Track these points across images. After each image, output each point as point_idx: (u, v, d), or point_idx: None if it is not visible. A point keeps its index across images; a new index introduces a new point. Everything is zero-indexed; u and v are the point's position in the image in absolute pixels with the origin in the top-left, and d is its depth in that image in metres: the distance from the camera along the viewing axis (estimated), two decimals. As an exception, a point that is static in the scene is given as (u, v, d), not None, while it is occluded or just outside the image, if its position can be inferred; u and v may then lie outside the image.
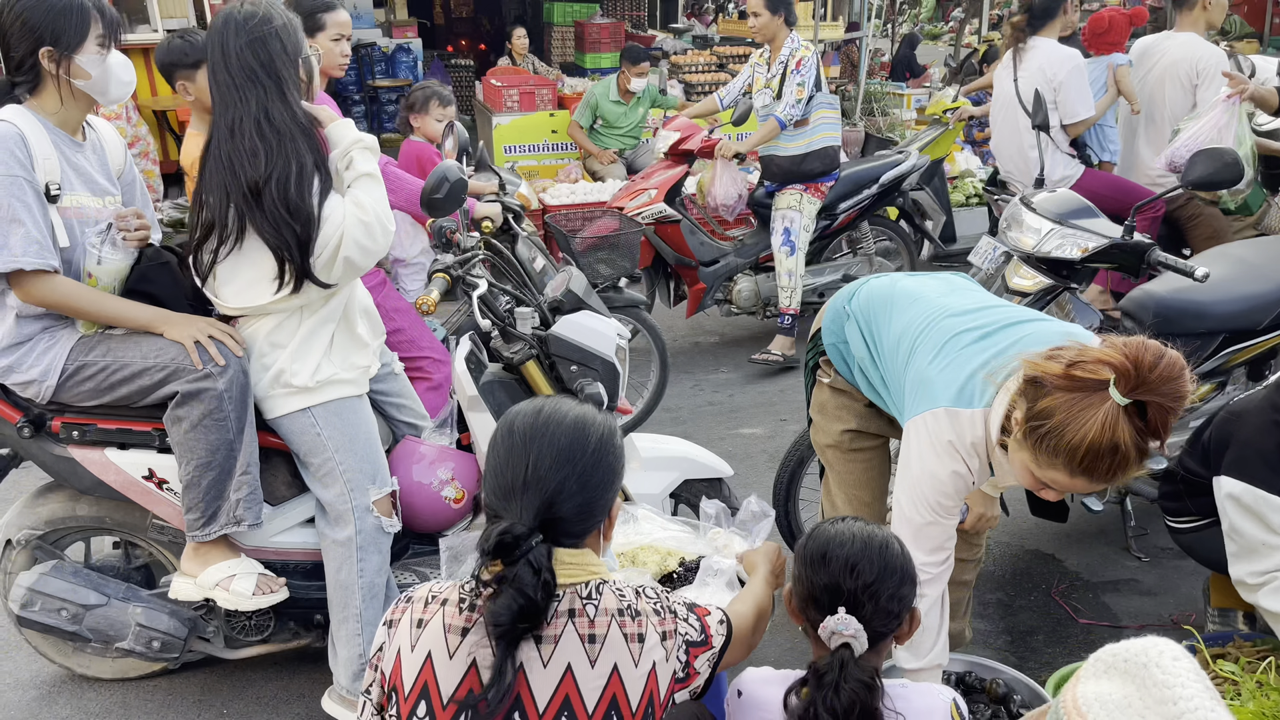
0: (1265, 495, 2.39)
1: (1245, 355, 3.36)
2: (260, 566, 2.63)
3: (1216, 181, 2.88)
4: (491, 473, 1.54)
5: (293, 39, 2.39)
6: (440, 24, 15.81)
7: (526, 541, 1.43)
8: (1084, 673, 1.16)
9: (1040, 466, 1.83)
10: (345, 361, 2.58)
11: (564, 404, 1.60)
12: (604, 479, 1.55)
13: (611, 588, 1.54)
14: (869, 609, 1.65)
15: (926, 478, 2.09)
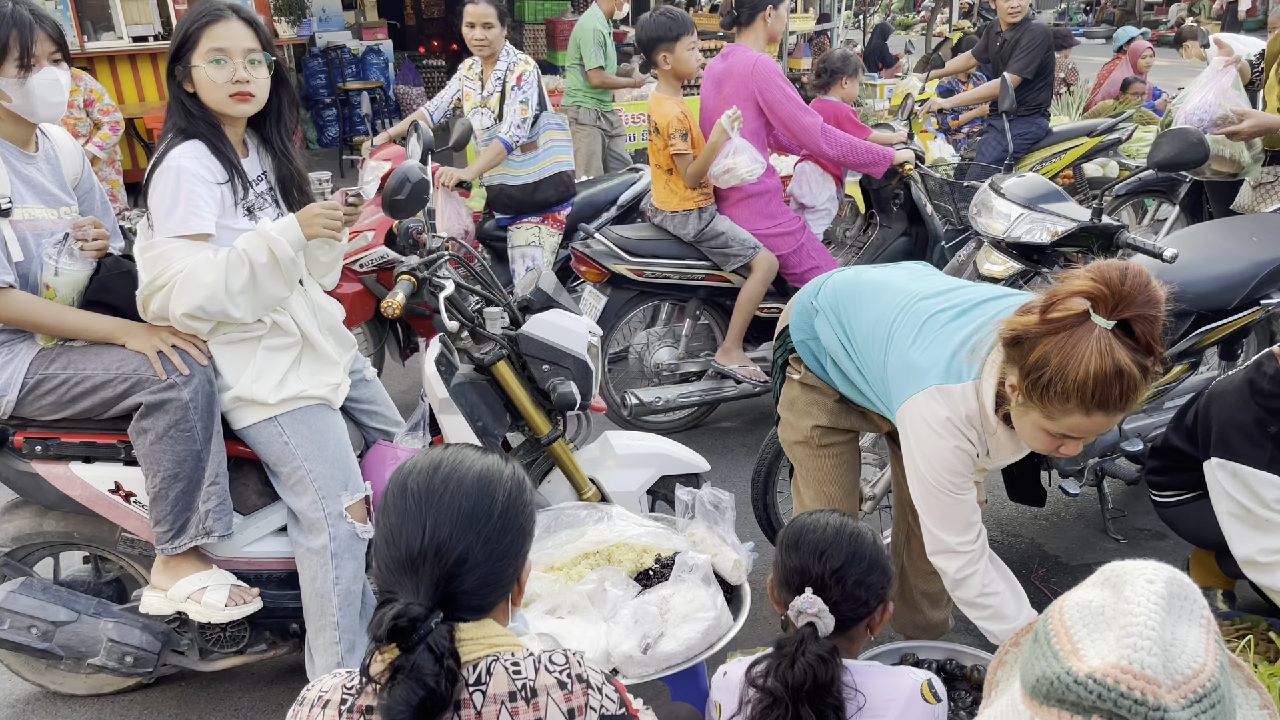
0: (1252, 471, 2.43)
1: (1216, 335, 3.37)
2: (233, 577, 2.59)
3: (1182, 162, 2.89)
4: (383, 541, 1.34)
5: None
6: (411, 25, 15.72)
7: (424, 623, 1.25)
8: (1086, 581, 1.22)
9: (1054, 418, 1.81)
10: (314, 380, 2.56)
11: (465, 457, 1.41)
12: (512, 544, 1.38)
13: (504, 663, 1.32)
14: (835, 592, 1.75)
15: (932, 461, 2.08)
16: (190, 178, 2.32)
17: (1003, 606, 2.15)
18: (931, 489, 2.11)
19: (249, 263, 2.33)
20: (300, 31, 10.32)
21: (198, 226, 2.32)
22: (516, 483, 1.42)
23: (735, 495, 2.65)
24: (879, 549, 1.81)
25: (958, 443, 2.05)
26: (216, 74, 2.34)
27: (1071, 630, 1.14)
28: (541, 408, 2.83)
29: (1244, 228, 3.57)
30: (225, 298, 2.33)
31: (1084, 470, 3.36)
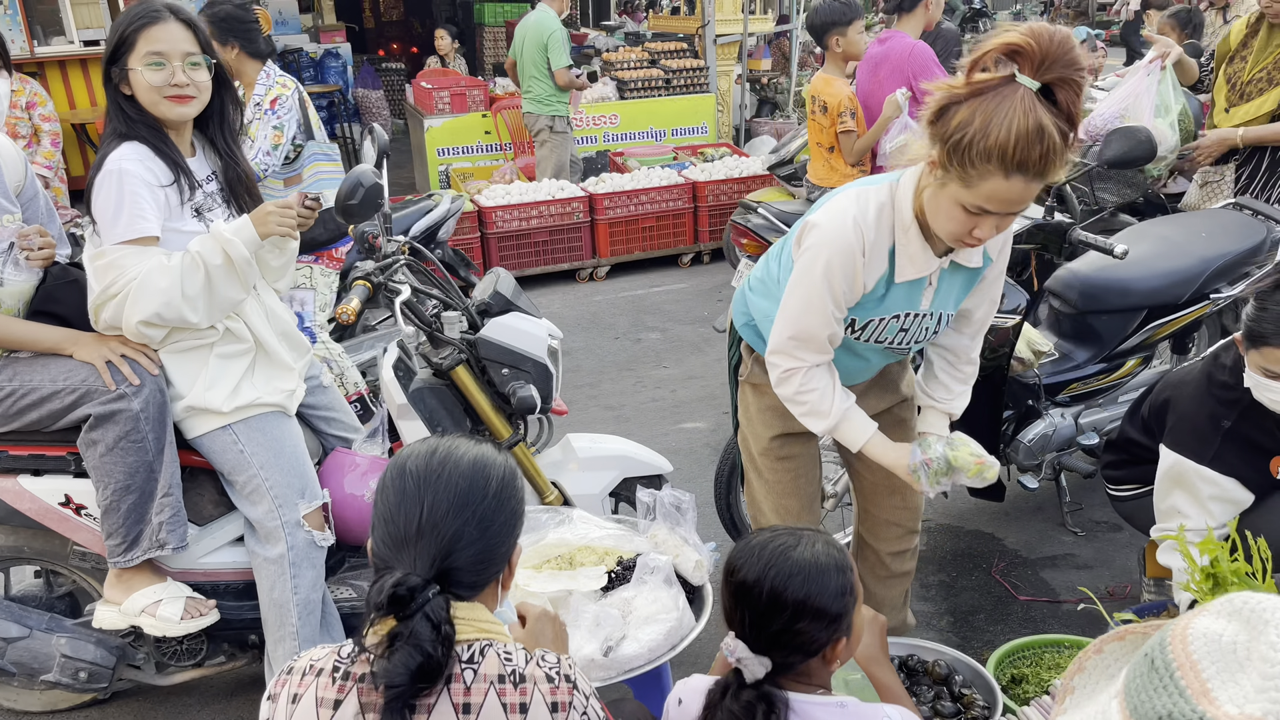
0: (1195, 466, 2.47)
1: (1168, 329, 3.43)
2: (188, 589, 2.55)
3: (1131, 159, 2.93)
4: (381, 520, 1.41)
5: None
6: (370, 27, 15.62)
7: (423, 593, 1.31)
8: (1207, 608, 1.14)
9: (973, 185, 1.83)
10: (268, 386, 2.52)
11: (460, 444, 1.48)
12: (505, 525, 1.44)
13: (498, 650, 1.38)
14: (757, 637, 1.58)
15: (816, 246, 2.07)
16: (132, 180, 2.28)
17: (819, 403, 2.19)
18: (801, 275, 2.10)
19: (204, 265, 2.30)
20: (256, 35, 10.18)
21: (143, 230, 2.28)
22: (510, 469, 1.49)
23: (699, 495, 2.65)
24: (816, 588, 1.57)
25: (852, 236, 2.04)
26: (154, 77, 2.30)
27: (1200, 666, 1.05)
28: (502, 412, 2.82)
29: (1193, 224, 3.64)
30: (182, 302, 2.29)
31: (1042, 465, 3.40)
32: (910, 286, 2.13)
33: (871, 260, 2.06)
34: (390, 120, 11.11)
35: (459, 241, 6.52)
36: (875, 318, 2.17)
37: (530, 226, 6.72)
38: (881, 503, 2.59)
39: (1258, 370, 2.33)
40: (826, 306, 2.08)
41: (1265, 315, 2.29)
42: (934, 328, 2.24)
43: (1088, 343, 3.47)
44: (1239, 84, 3.93)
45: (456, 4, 15.55)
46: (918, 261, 2.07)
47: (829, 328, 2.13)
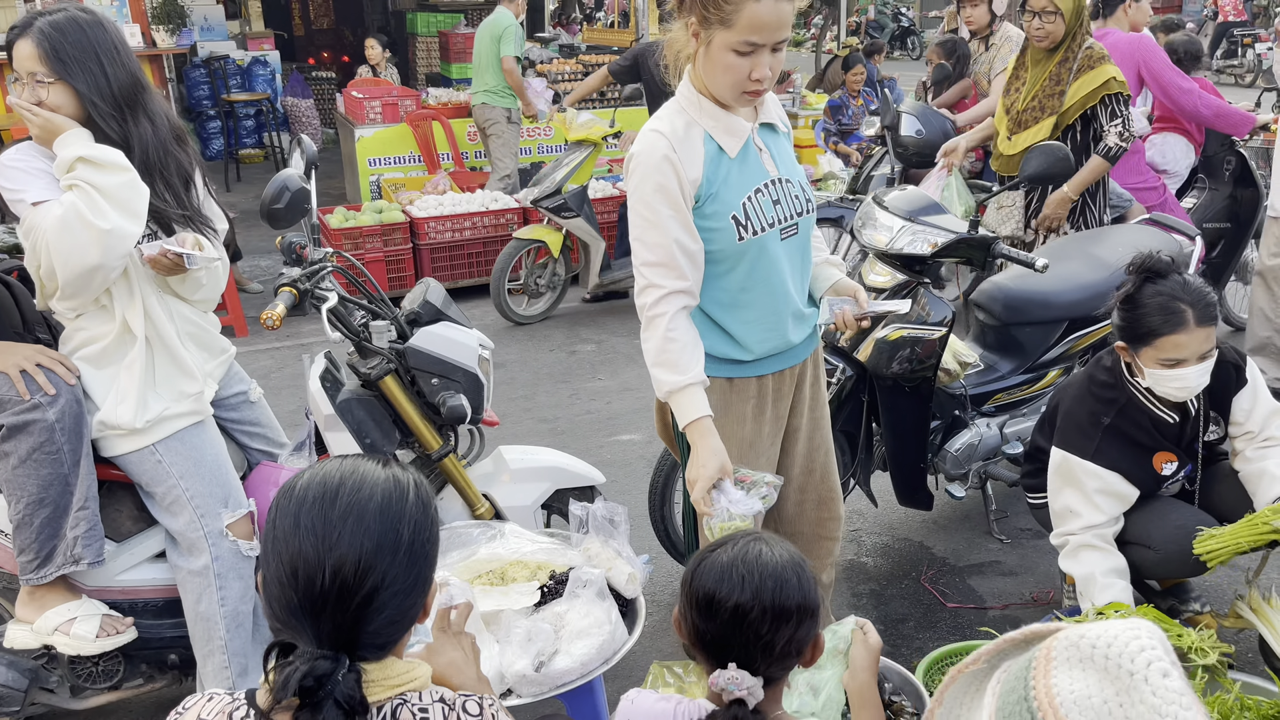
0: (1080, 461, 2.61)
1: (1087, 341, 3.53)
2: (104, 607, 2.48)
3: (1051, 175, 3.03)
4: (275, 582, 1.21)
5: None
6: (300, 35, 15.39)
7: (333, 678, 1.16)
8: (1054, 659, 1.10)
9: (733, 22, 1.98)
10: (174, 391, 2.44)
11: (364, 480, 1.26)
12: (419, 576, 1.27)
13: (412, 708, 1.24)
14: (762, 663, 1.50)
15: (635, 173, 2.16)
16: (22, 163, 2.28)
17: (679, 355, 2.16)
18: (633, 200, 2.17)
19: (85, 185, 2.20)
20: (180, 40, 9.98)
21: (47, 195, 2.25)
22: (422, 505, 1.30)
23: (634, 507, 2.64)
24: (804, 588, 1.53)
25: (653, 143, 2.13)
26: (13, 94, 2.30)
27: None
28: (431, 422, 2.78)
29: (1111, 239, 3.76)
30: (91, 218, 2.18)
31: (968, 474, 3.47)
32: (747, 157, 2.22)
33: (683, 149, 2.14)
34: (320, 130, 10.96)
35: (390, 253, 6.46)
36: (744, 199, 2.20)
37: (463, 238, 6.67)
38: (810, 516, 2.59)
39: (1155, 365, 2.47)
40: (663, 213, 2.14)
41: (1145, 311, 2.45)
42: (803, 198, 2.31)
43: (1012, 354, 3.56)
44: (1015, 112, 4.09)
45: (389, 13, 15.43)
46: (733, 129, 2.19)
47: (677, 233, 2.15)
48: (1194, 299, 2.42)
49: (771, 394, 2.40)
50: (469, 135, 8.07)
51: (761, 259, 2.25)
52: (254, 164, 10.73)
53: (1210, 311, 2.44)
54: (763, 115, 2.28)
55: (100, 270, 2.24)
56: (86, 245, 2.20)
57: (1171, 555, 2.59)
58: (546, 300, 6.40)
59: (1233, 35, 15.62)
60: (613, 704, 2.41)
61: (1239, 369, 2.64)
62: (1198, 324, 2.41)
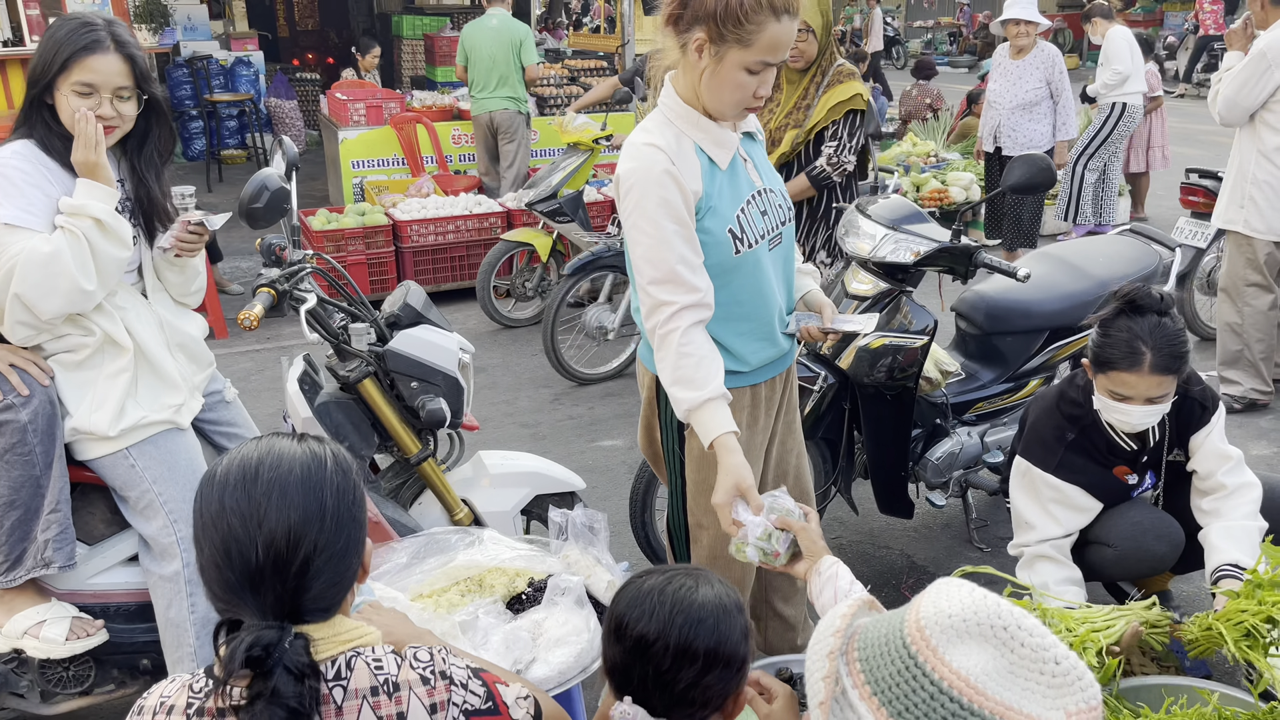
0: (1041, 473, 2.66)
1: (1068, 351, 3.55)
2: (74, 610, 2.44)
3: (1034, 185, 3.04)
4: (211, 565, 1.27)
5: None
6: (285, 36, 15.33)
7: (279, 646, 1.20)
8: (935, 644, 1.17)
9: (751, 42, 1.97)
10: (155, 403, 2.42)
11: (281, 456, 1.31)
12: (351, 538, 1.32)
13: (366, 659, 1.30)
14: (660, 700, 1.45)
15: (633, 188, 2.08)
16: (14, 172, 2.22)
17: (695, 370, 2.07)
18: (635, 218, 2.08)
19: (80, 234, 2.21)
20: (163, 40, 9.92)
21: (23, 221, 2.20)
22: (340, 471, 1.34)
23: (615, 514, 2.63)
24: (725, 633, 1.46)
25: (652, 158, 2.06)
26: (78, 102, 2.25)
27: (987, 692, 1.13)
28: (410, 426, 2.76)
29: (1092, 249, 3.78)
30: (76, 273, 2.20)
31: (949, 482, 3.47)
32: (735, 170, 2.20)
33: (682, 164, 2.09)
34: (304, 131, 10.91)
35: (373, 255, 6.43)
36: (737, 211, 2.18)
37: (446, 241, 6.65)
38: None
39: (1105, 393, 2.50)
40: (668, 229, 2.06)
41: (1109, 341, 2.46)
42: (785, 206, 2.31)
43: (993, 363, 3.57)
44: (769, 131, 3.97)
45: (374, 16, 15.38)
46: (723, 141, 2.17)
47: (682, 249, 2.08)
48: (1158, 344, 2.41)
49: (764, 402, 2.39)
50: (453, 138, 8.05)
51: (756, 271, 2.23)
52: (236, 165, 10.66)
53: (1172, 363, 2.42)
54: (743, 125, 2.28)
55: (55, 316, 2.25)
56: (60, 293, 2.22)
57: (1129, 553, 2.63)
58: (535, 305, 6.39)
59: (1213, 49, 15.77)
60: (590, 711, 2.40)
61: (1205, 409, 2.65)
62: (1152, 370, 2.41)
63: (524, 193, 6.28)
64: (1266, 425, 4.59)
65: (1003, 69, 6.63)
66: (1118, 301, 2.51)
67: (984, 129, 6.86)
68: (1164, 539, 2.66)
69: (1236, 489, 2.61)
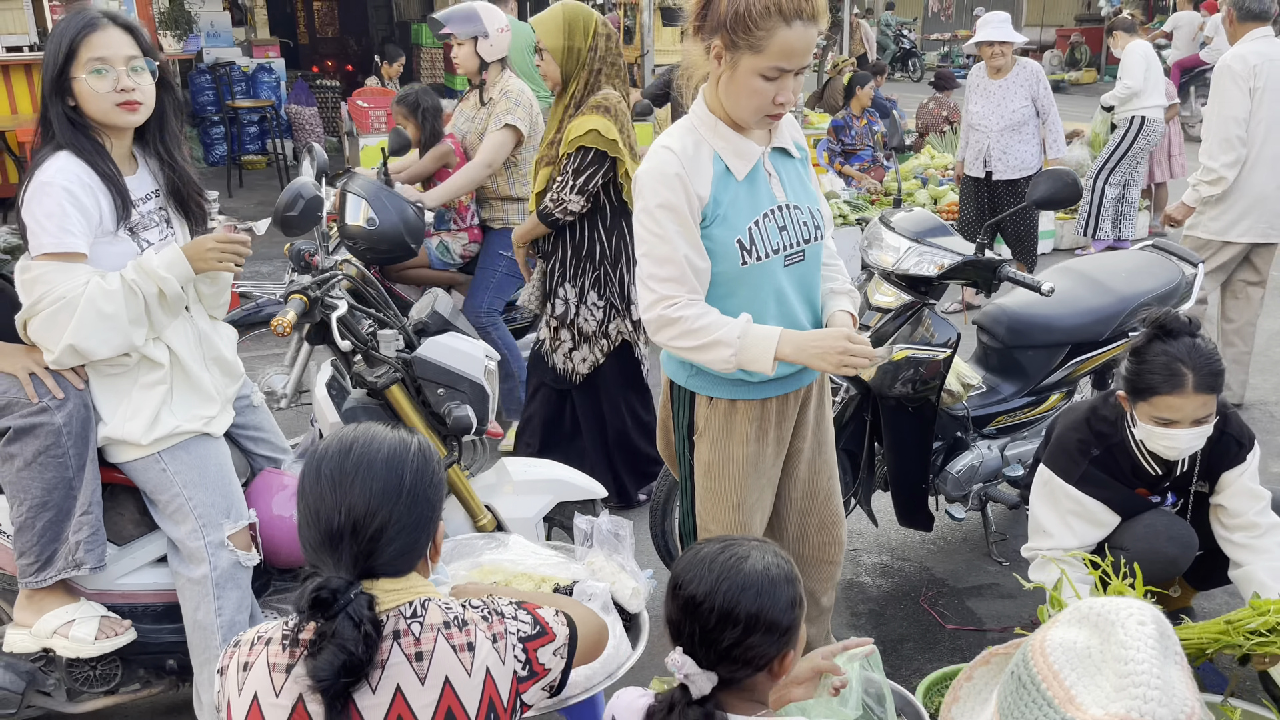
0: (1063, 484, 2.67)
1: (1090, 365, 3.54)
2: (103, 609, 2.47)
3: (1059, 199, 3.04)
4: (304, 523, 1.47)
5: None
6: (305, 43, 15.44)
7: (344, 595, 1.38)
8: (1059, 619, 1.21)
9: (763, 48, 2.01)
10: (188, 414, 2.45)
11: (374, 438, 1.52)
12: (423, 515, 1.51)
13: (437, 603, 1.50)
14: (706, 653, 1.56)
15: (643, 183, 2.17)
16: (62, 193, 2.21)
17: (714, 328, 2.13)
18: (641, 216, 2.17)
19: (141, 294, 2.26)
20: (187, 46, 10.01)
21: (69, 245, 2.21)
22: (423, 457, 1.52)
23: (635, 523, 2.64)
24: (768, 601, 1.55)
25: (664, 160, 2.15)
26: (99, 84, 2.24)
27: (1061, 675, 1.12)
28: (436, 432, 2.78)
29: (1115, 264, 3.77)
30: (129, 327, 2.26)
31: (969, 496, 3.47)
32: (755, 181, 2.22)
33: (692, 168, 2.15)
34: (324, 138, 10.98)
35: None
36: (751, 223, 2.20)
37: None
38: (812, 540, 2.60)
39: (1149, 421, 2.51)
40: (670, 229, 2.14)
41: (1147, 367, 2.47)
42: (811, 225, 2.29)
43: (1014, 377, 3.57)
44: (537, 164, 3.78)
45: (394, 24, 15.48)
46: (743, 151, 2.20)
47: (685, 249, 2.14)
48: (1197, 364, 2.42)
49: (775, 416, 2.40)
50: None
51: (764, 285, 2.25)
52: (256, 170, 10.74)
53: (1214, 380, 2.44)
54: (776, 139, 2.28)
55: (92, 356, 2.29)
56: (111, 345, 2.26)
57: (1141, 555, 2.62)
58: None
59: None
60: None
61: (1241, 447, 2.66)
62: (1195, 390, 2.42)
63: None
64: (1287, 443, 4.58)
65: (983, 89, 6.32)
66: (1148, 328, 2.51)
67: (967, 152, 6.46)
68: (1176, 541, 2.66)
69: (1270, 529, 2.63)
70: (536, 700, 1.59)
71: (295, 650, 1.42)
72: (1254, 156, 4.52)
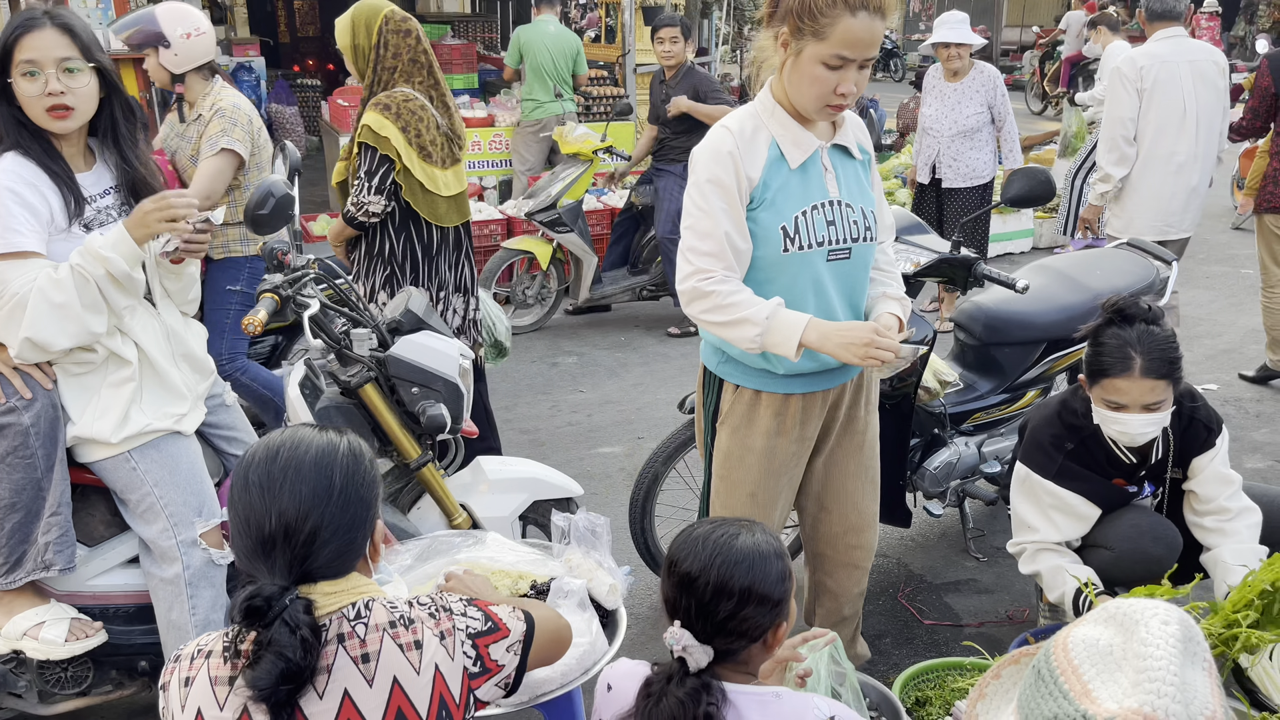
0: (1040, 480, 2.69)
1: (1065, 362, 3.56)
2: (74, 611, 2.44)
3: (1032, 198, 3.06)
4: (236, 532, 1.45)
5: None
6: (285, 42, 15.35)
7: (279, 601, 1.36)
8: (1086, 618, 1.22)
9: (826, 36, 2.04)
10: (158, 411, 2.43)
11: (300, 441, 1.49)
12: (357, 515, 1.48)
13: (381, 603, 1.48)
14: (702, 626, 1.63)
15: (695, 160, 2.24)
16: (7, 194, 2.19)
17: (744, 306, 2.17)
18: (690, 191, 2.23)
19: (91, 279, 2.22)
20: (165, 45, 9.91)
21: (16, 244, 2.19)
22: (353, 456, 1.50)
23: (614, 520, 2.64)
24: (760, 575, 1.63)
25: (719, 138, 2.21)
26: (29, 87, 2.22)
27: (1080, 669, 1.12)
28: (411, 431, 2.77)
29: (1089, 261, 3.80)
30: (83, 313, 2.22)
31: (946, 492, 3.49)
32: (809, 172, 2.24)
33: (746, 149, 2.19)
34: (305, 137, 10.92)
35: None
36: (798, 212, 2.22)
37: (446, 248, 6.64)
38: (837, 542, 2.62)
39: (1101, 404, 2.54)
40: (716, 205, 2.18)
41: (1100, 349, 2.51)
42: (862, 224, 2.30)
43: (991, 373, 3.58)
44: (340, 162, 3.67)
45: (375, 23, 15.37)
46: (801, 141, 2.23)
47: (727, 226, 2.18)
48: (1148, 349, 2.44)
49: (799, 414, 2.40)
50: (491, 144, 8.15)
51: (802, 275, 2.26)
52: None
53: (1164, 367, 2.45)
54: (839, 136, 2.30)
55: (64, 350, 2.26)
56: (70, 335, 2.23)
57: (1126, 554, 2.64)
58: (535, 312, 6.40)
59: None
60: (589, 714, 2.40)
61: (1210, 431, 2.68)
62: (1143, 374, 2.44)
63: (524, 202, 6.30)
64: (1261, 439, 4.62)
65: (938, 92, 5.99)
66: (1106, 313, 2.55)
67: (918, 158, 6.15)
68: (1162, 541, 2.68)
69: (1240, 512, 2.65)
70: (492, 697, 1.58)
71: (237, 662, 1.39)
72: (1146, 156, 4.65)
